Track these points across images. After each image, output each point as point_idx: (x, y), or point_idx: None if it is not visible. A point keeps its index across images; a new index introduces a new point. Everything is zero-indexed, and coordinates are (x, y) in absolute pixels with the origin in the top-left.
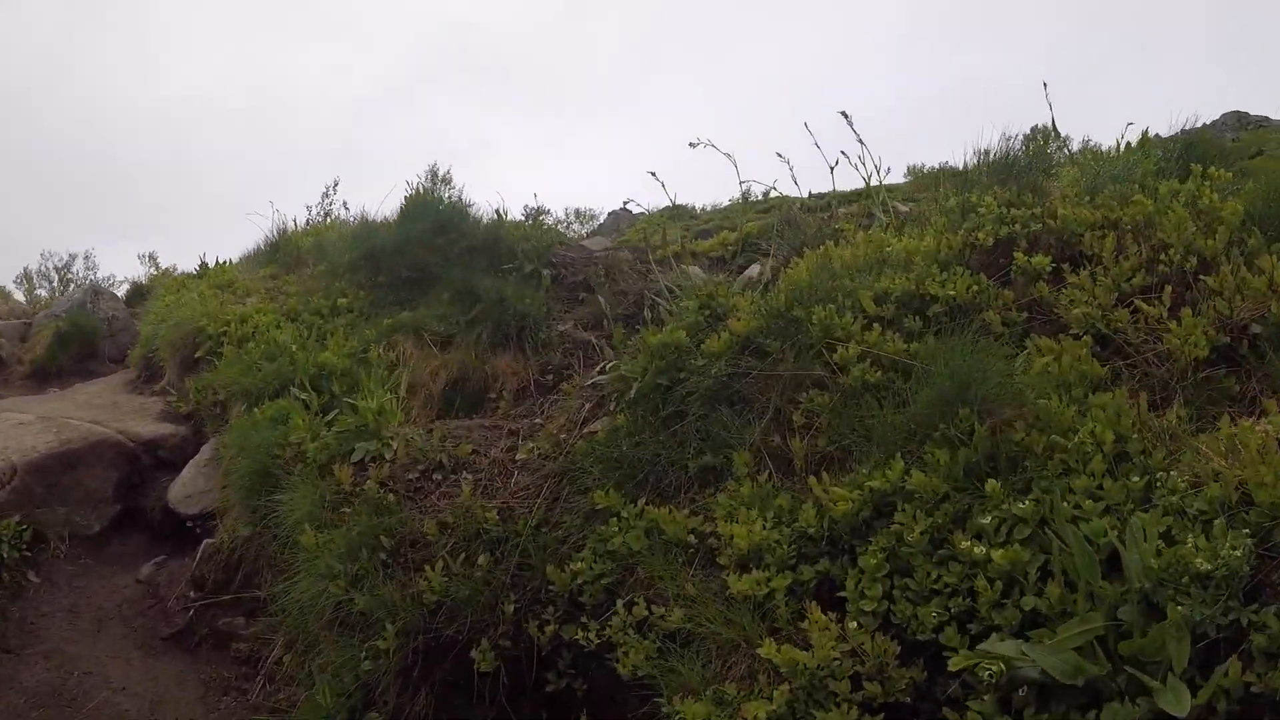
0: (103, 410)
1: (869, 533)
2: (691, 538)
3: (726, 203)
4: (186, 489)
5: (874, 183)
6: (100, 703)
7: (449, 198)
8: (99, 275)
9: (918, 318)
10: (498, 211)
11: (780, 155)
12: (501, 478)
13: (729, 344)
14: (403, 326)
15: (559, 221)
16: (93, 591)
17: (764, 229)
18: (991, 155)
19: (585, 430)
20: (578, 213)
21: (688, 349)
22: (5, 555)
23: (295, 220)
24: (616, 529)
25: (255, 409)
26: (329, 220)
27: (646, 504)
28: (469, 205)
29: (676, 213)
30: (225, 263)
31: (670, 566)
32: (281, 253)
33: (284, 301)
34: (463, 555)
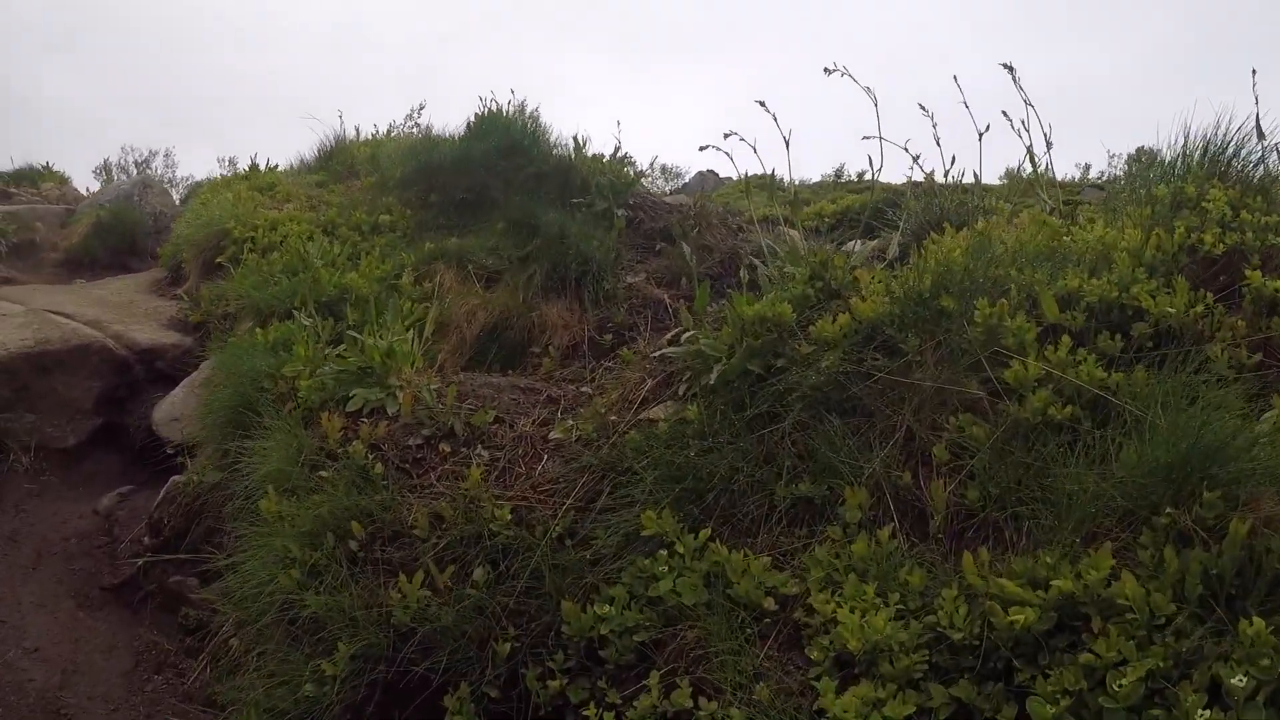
0: (111, 309)
1: (1041, 653)
2: (770, 601)
3: (817, 179)
4: (173, 410)
5: (1039, 156)
6: (0, 665)
7: (522, 117)
8: (177, 174)
9: (1118, 336)
10: (575, 139)
11: (923, 108)
12: (526, 461)
13: (847, 330)
14: (446, 254)
15: (643, 174)
16: (42, 518)
17: (868, 204)
18: (1203, 141)
19: (642, 415)
20: (664, 168)
21: (790, 329)
22: None
23: (358, 130)
24: (666, 566)
25: (261, 329)
26: (390, 134)
27: (712, 538)
28: (544, 129)
29: (764, 182)
30: (273, 166)
31: (734, 638)
32: (335, 161)
33: (323, 212)
34: (454, 564)
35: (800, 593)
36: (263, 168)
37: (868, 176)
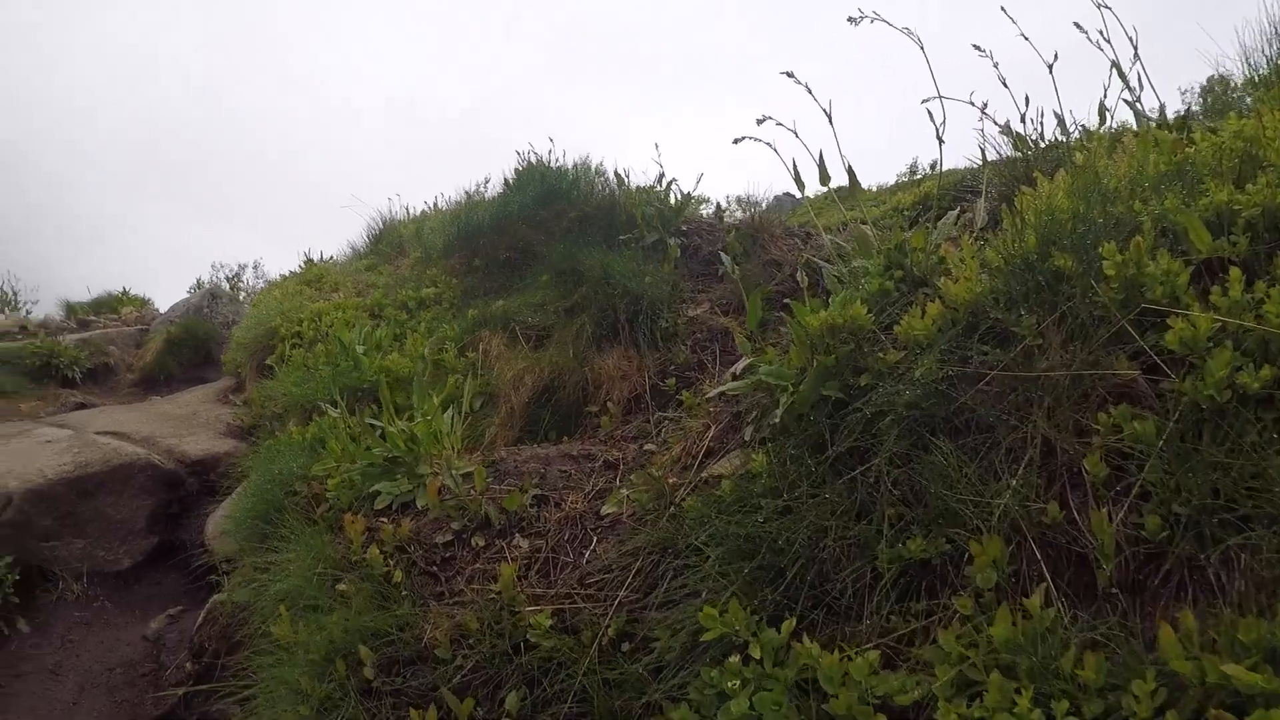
0: (170, 423)
1: None
2: (882, 719)
3: (891, 181)
4: (223, 523)
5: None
6: None
7: (558, 163)
8: (269, 281)
9: None
10: (616, 174)
11: (978, 49)
12: (573, 547)
13: (941, 323)
14: (491, 319)
15: (692, 196)
16: (88, 647)
17: (949, 187)
18: None
19: (705, 472)
20: (739, 200)
21: (870, 335)
22: None
23: (407, 208)
24: (737, 680)
25: (300, 426)
26: (436, 207)
27: (797, 633)
28: (583, 171)
29: (840, 194)
30: (329, 257)
31: None
32: (383, 243)
33: (369, 296)
34: (483, 688)
35: (923, 699)
36: (318, 259)
37: (939, 165)
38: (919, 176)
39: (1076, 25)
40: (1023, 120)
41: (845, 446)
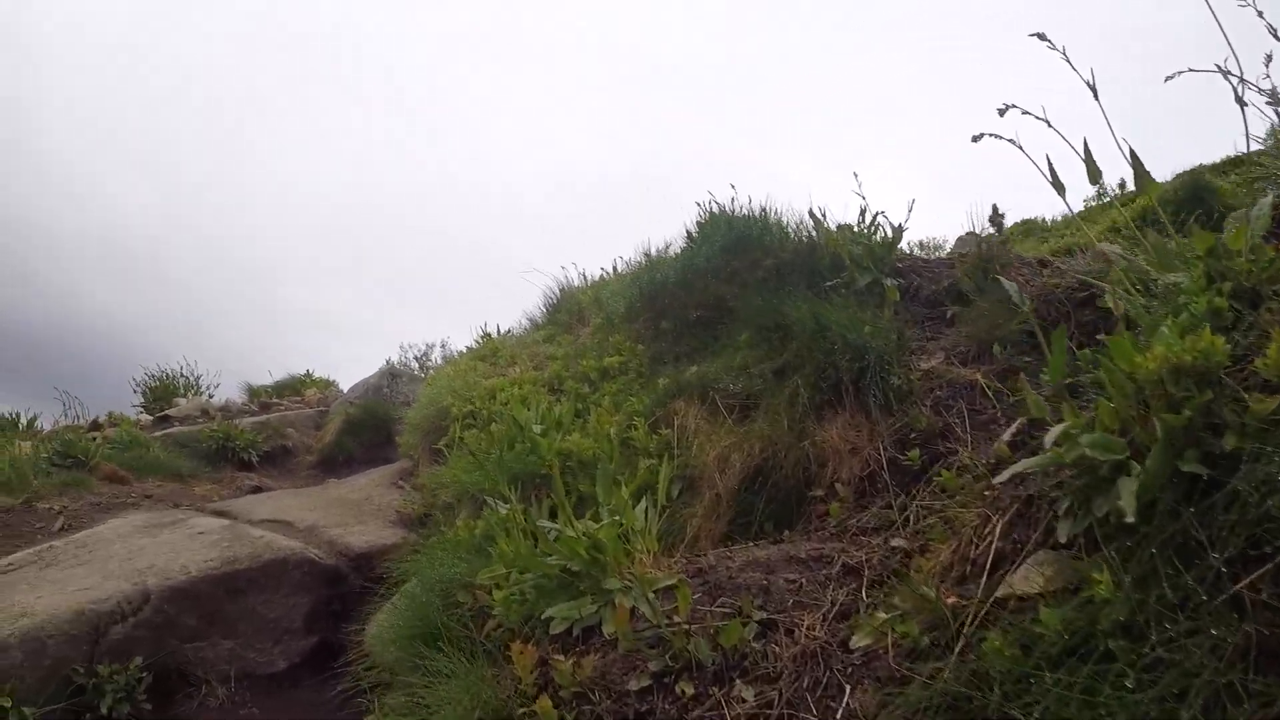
0: (339, 510)
1: None
2: None
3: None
4: (384, 628)
5: None
6: None
7: (742, 210)
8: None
9: None
10: (812, 214)
11: None
12: (817, 698)
13: None
14: (685, 387)
15: (904, 229)
16: None
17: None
18: None
19: (1001, 591)
20: (921, 244)
21: (1217, 378)
22: (109, 711)
23: (584, 274)
24: None
25: (470, 520)
26: (615, 271)
27: None
28: (772, 214)
29: (1029, 228)
30: (506, 331)
31: None
32: (560, 312)
33: (548, 369)
34: None
35: None
36: (494, 333)
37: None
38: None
39: None
40: None
41: (1234, 550)
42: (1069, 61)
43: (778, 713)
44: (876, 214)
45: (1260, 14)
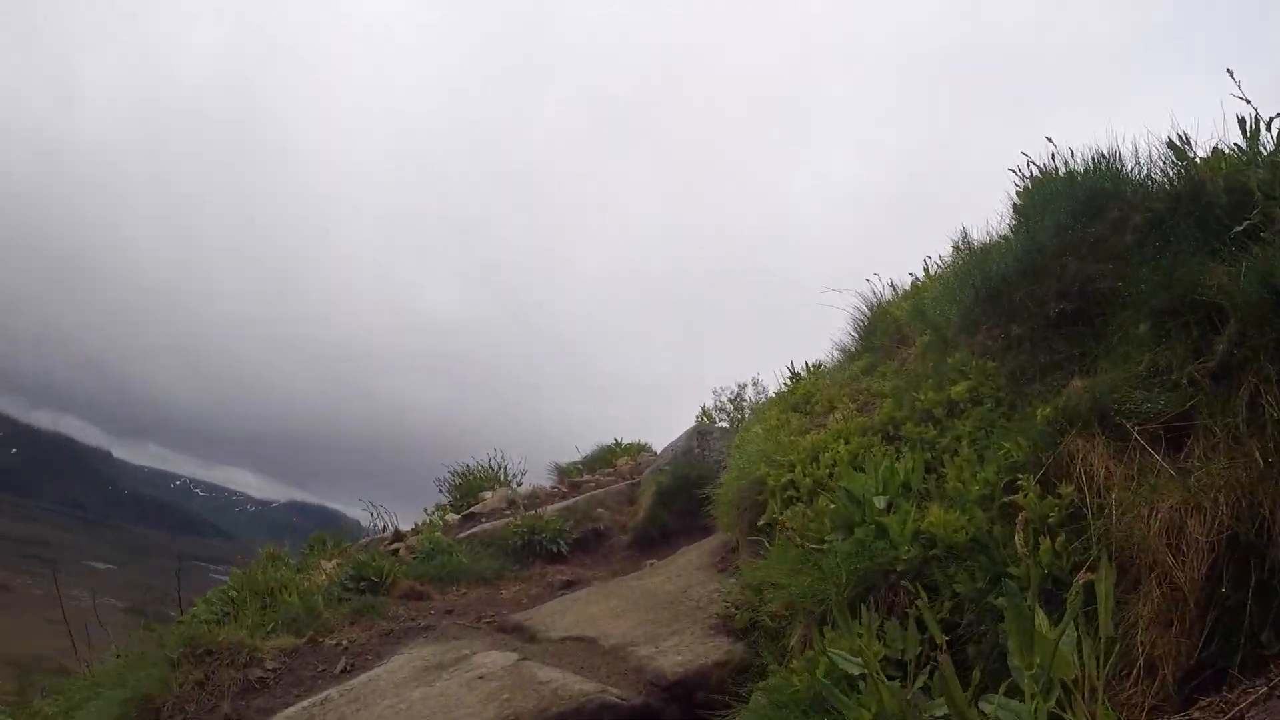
0: (653, 611)
1: None
2: None
3: None
4: None
5: None
6: None
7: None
8: (770, 394)
9: None
10: (1173, 141)
11: None
12: None
13: None
14: (1075, 416)
15: None
16: None
17: None
18: None
19: None
20: None
21: None
22: None
23: (893, 285)
24: None
25: (804, 649)
26: (928, 273)
27: None
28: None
29: None
30: (815, 366)
31: None
32: (876, 335)
33: (875, 411)
34: None
35: None
36: (803, 370)
37: None
38: None
39: None
40: None
41: None
42: None
43: None
44: (1273, 118)
45: None
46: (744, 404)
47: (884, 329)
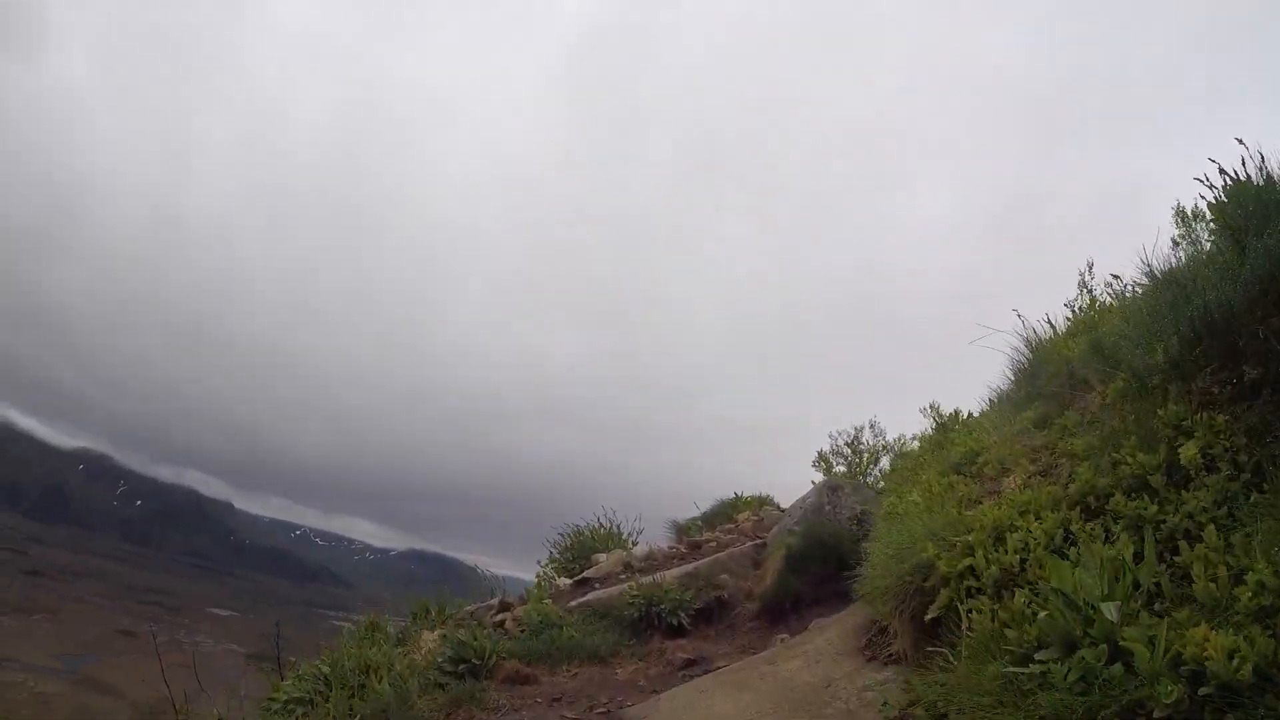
0: (793, 711)
1: None
2: None
3: None
4: None
5: None
6: None
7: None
8: (888, 439)
9: None
10: None
11: None
12: None
13: None
14: None
15: None
16: None
17: None
18: None
19: None
20: None
21: None
22: None
23: (1052, 323)
24: None
25: None
26: (1095, 305)
27: None
28: None
29: None
30: (963, 415)
31: None
32: (1043, 379)
33: (1064, 476)
34: None
35: None
36: (947, 414)
37: None
38: None
39: None
40: None
41: None
42: None
43: None
44: None
45: None
46: (861, 447)
47: (1052, 371)
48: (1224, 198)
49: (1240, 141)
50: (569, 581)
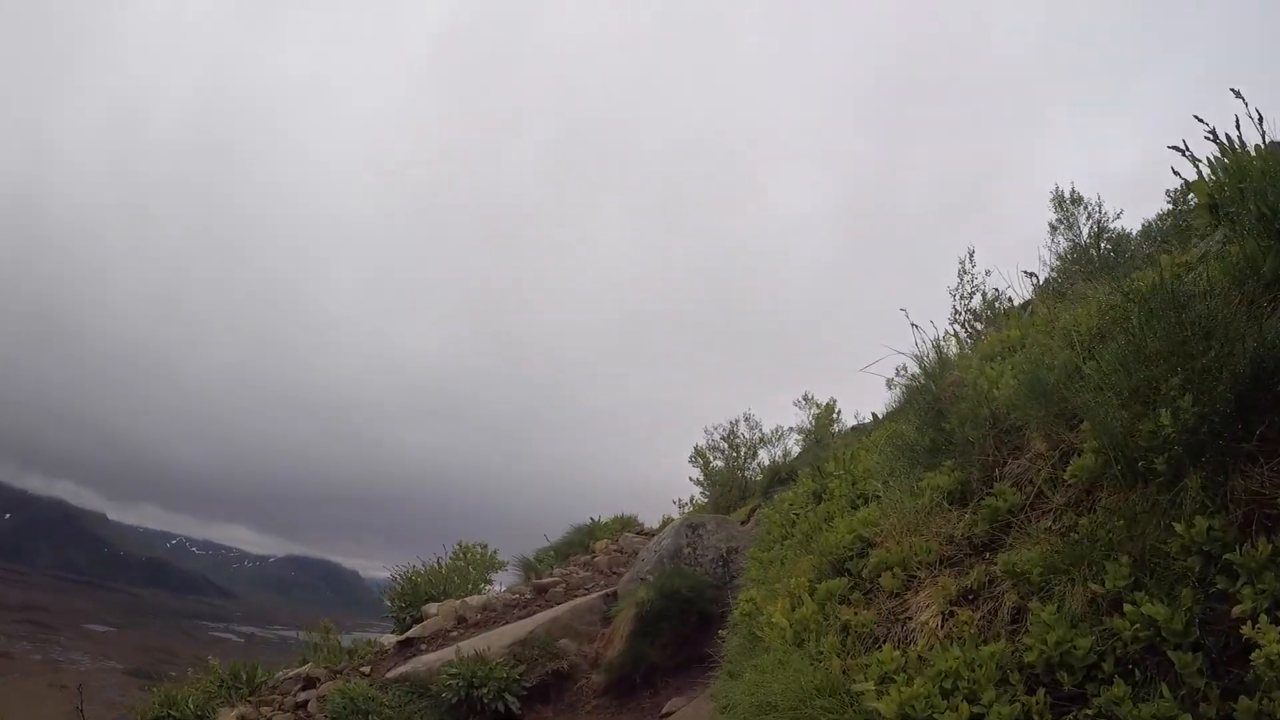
0: None
1: None
2: None
3: None
4: None
5: None
6: None
7: None
8: (765, 431)
9: None
10: None
11: None
12: None
13: None
14: None
15: None
16: None
17: None
18: None
19: None
20: None
21: None
22: None
23: (959, 337)
24: None
25: None
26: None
27: None
28: None
29: None
30: (848, 457)
31: None
32: (952, 422)
33: (1003, 615)
34: None
35: None
36: (827, 404)
37: None
38: None
39: None
40: None
41: None
42: None
43: None
44: None
45: None
46: (738, 440)
47: (968, 417)
48: (1219, 173)
49: (1237, 94)
50: (394, 641)
